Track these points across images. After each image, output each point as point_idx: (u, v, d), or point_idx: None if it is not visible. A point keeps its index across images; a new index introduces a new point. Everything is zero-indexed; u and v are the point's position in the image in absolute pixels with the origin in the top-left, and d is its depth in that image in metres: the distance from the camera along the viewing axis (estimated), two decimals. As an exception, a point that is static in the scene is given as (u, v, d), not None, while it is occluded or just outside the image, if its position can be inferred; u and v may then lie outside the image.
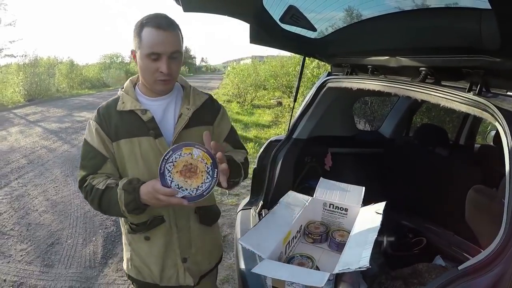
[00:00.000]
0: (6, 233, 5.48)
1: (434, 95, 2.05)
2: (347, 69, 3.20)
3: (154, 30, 1.79)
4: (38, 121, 15.21)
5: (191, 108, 2.04)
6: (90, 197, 1.94)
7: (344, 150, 3.92)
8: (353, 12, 2.57)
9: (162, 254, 2.13)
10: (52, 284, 4.26)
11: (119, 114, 1.99)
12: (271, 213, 2.25)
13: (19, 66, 25.51)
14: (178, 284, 2.18)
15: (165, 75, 1.87)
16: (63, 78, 32.12)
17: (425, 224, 3.37)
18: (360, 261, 1.64)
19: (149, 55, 1.81)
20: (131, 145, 1.98)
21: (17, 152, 9.92)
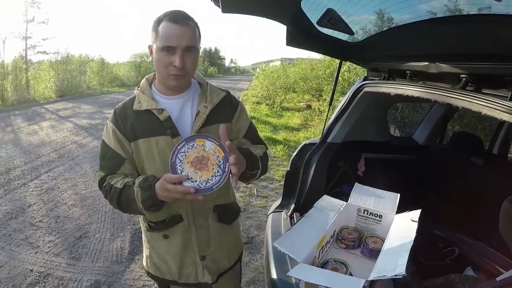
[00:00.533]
0: (35, 225, 5.55)
1: (476, 103, 2.01)
2: (384, 74, 3.17)
3: (170, 24, 1.80)
4: (69, 117, 15.41)
5: (209, 106, 2.03)
6: (109, 196, 1.97)
7: (377, 155, 3.89)
8: (392, 17, 2.54)
9: (180, 252, 2.14)
10: (79, 276, 4.29)
11: (135, 114, 1.99)
12: (306, 217, 2.24)
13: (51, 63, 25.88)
14: (196, 281, 2.18)
15: (178, 69, 1.86)
16: (94, 76, 32.53)
17: (457, 234, 3.32)
18: (396, 268, 1.62)
19: (163, 48, 1.82)
20: (148, 145, 1.98)
21: (47, 146, 10.06)
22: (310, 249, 1.96)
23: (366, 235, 2.35)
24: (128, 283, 4.21)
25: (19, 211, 5.99)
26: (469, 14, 2.01)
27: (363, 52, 3.17)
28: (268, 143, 10.61)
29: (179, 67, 1.84)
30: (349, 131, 3.46)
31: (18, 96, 20.43)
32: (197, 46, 1.91)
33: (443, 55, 2.40)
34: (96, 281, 4.21)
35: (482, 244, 3.10)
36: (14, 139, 10.81)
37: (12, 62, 23.19)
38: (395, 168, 3.78)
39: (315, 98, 20.85)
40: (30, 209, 6.07)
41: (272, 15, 2.71)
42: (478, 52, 2.11)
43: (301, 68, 23.77)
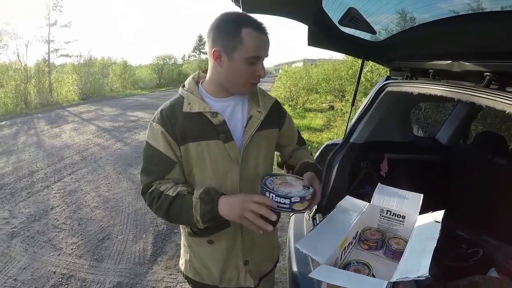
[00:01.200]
0: (57, 227, 5.61)
1: (500, 101, 1.98)
2: (407, 73, 3.14)
3: (259, 33, 1.75)
4: (92, 119, 15.57)
5: (263, 111, 1.99)
6: (156, 203, 1.88)
7: (400, 156, 3.86)
8: (414, 15, 2.52)
9: (224, 258, 2.10)
10: (101, 278, 4.32)
11: (185, 116, 1.89)
12: (328, 218, 2.22)
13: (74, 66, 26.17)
14: (238, 285, 2.15)
15: (259, 79, 1.86)
16: (117, 78, 32.87)
17: (481, 235, 3.27)
18: (420, 270, 1.59)
19: (249, 58, 1.77)
20: (199, 149, 1.90)
21: (70, 149, 10.17)
22: (332, 250, 1.94)
23: (389, 236, 2.32)
24: (151, 285, 4.23)
25: (42, 213, 6.05)
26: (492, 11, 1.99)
27: (385, 51, 3.15)
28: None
29: (262, 76, 1.85)
30: (371, 131, 3.44)
31: (41, 99, 20.70)
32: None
33: (466, 54, 2.37)
34: (118, 283, 4.23)
35: (506, 245, 3.06)
36: (37, 142, 10.94)
37: (35, 66, 23.49)
38: (418, 169, 3.76)
39: (337, 99, 20.86)
40: (53, 211, 6.14)
41: (293, 15, 2.70)
42: (501, 50, 2.08)
43: (323, 69, 23.74)
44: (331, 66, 23.15)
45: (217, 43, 1.79)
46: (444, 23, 2.31)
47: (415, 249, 1.86)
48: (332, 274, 1.81)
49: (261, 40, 1.76)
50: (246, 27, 1.72)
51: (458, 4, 2.13)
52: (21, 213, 6.03)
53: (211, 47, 1.81)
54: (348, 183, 3.37)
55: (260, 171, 2.04)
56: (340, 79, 19.74)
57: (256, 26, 1.74)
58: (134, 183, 7.59)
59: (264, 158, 2.06)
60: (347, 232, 2.11)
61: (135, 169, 8.45)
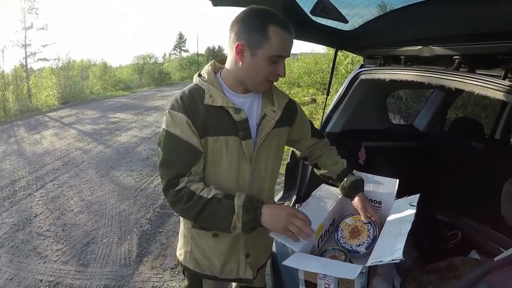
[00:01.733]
0: (42, 234, 5.55)
1: (469, 83, 2.01)
2: (380, 60, 3.18)
3: (285, 33, 1.74)
4: (73, 123, 15.45)
5: (278, 111, 1.98)
6: (186, 204, 1.80)
7: (378, 144, 3.87)
8: (384, 3, 2.53)
9: (227, 251, 2.10)
10: (88, 283, 4.30)
11: (206, 108, 1.84)
12: (303, 206, 2.24)
13: (52, 70, 25.95)
14: (238, 277, 2.16)
15: (278, 78, 1.87)
16: (97, 80, 32.61)
17: (461, 218, 3.31)
18: (394, 253, 1.61)
19: (273, 57, 1.76)
20: (218, 144, 1.87)
21: (52, 155, 10.09)
22: None
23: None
24: (138, 286, 4.24)
25: (25, 222, 5.99)
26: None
27: (357, 40, 3.17)
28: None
29: (284, 74, 1.84)
30: (347, 120, 3.47)
31: (20, 106, 20.43)
32: None
33: (436, 38, 2.40)
34: (105, 286, 4.23)
35: (486, 227, 3.09)
36: (18, 150, 10.83)
37: (13, 71, 23.23)
38: (397, 156, 3.77)
39: (319, 92, 20.94)
40: (37, 219, 6.08)
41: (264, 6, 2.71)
42: (470, 33, 2.10)
43: (305, 63, 23.95)
44: (312, 59, 23.33)
45: (241, 37, 1.77)
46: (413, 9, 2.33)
47: (390, 233, 1.88)
48: (306, 261, 1.83)
49: (287, 39, 1.76)
50: (274, 25, 1.72)
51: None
52: (4, 223, 5.96)
53: (235, 40, 1.79)
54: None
55: (269, 168, 2.07)
56: (322, 72, 19.91)
57: (283, 24, 1.74)
58: (117, 185, 7.57)
59: (274, 156, 2.07)
60: (322, 220, 2.12)
61: (118, 171, 8.44)
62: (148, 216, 6.02)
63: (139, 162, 9.16)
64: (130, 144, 11.05)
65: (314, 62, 22.34)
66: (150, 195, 7.00)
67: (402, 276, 2.38)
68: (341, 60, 14.05)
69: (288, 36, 1.75)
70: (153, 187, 7.38)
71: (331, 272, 1.74)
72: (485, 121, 6.68)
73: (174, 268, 4.51)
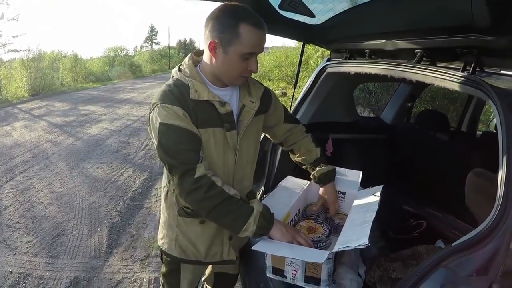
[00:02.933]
0: (12, 226, 5.50)
1: (429, 75, 2.08)
2: (346, 54, 3.24)
3: (256, 30, 1.77)
4: (43, 115, 15.25)
5: (256, 102, 2.05)
6: (207, 193, 1.83)
7: (345, 136, 3.91)
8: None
9: (212, 235, 2.16)
10: (58, 274, 4.29)
11: (193, 103, 1.87)
12: (270, 196, 2.30)
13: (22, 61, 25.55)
14: (221, 259, 2.23)
15: (251, 73, 1.90)
16: (67, 72, 32.15)
17: (427, 208, 3.38)
18: (360, 239, 1.66)
19: (244, 54, 1.80)
20: (206, 136, 1.92)
21: (21, 147, 9.96)
22: None
23: None
24: (108, 277, 4.23)
25: (-5, 214, 5.93)
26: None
27: (324, 34, 3.21)
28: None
29: (257, 70, 1.88)
30: (315, 112, 3.51)
31: (-11, 97, 20.16)
32: None
33: (399, 32, 2.46)
34: (75, 278, 4.22)
35: (451, 217, 3.17)
36: (-13, 142, 10.67)
37: (-18, 62, 22.89)
38: (364, 147, 3.83)
39: (290, 85, 20.95)
40: (6, 211, 6.02)
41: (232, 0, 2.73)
42: (430, 27, 2.17)
43: (275, 56, 23.96)
44: (283, 53, 23.33)
45: (214, 35, 1.80)
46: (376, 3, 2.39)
47: (355, 221, 1.94)
48: (274, 246, 1.87)
49: (258, 36, 1.79)
50: (245, 22, 1.75)
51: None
52: (-27, 216, 5.89)
53: (208, 37, 1.82)
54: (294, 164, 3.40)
55: (251, 155, 2.17)
56: (293, 66, 19.97)
57: (255, 21, 1.77)
58: (87, 177, 7.52)
59: (254, 143, 2.16)
60: (288, 208, 2.18)
61: (88, 163, 8.37)
62: (118, 208, 6.00)
63: (109, 155, 9.09)
64: (101, 137, 10.95)
65: (285, 56, 22.37)
66: (120, 187, 6.96)
67: (367, 264, 2.44)
68: (311, 54, 14.11)
69: (259, 32, 1.78)
70: (123, 180, 7.34)
71: (299, 256, 1.79)
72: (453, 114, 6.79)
73: (144, 260, 4.51)
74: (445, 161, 3.33)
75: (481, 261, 1.40)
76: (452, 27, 2.00)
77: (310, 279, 1.86)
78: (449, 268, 1.43)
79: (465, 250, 1.45)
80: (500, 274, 1.40)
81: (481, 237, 1.43)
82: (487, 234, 1.43)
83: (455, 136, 3.63)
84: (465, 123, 5.03)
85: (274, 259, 1.93)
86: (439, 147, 3.50)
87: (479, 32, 1.84)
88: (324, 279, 1.83)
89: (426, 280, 1.44)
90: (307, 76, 14.69)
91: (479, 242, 1.43)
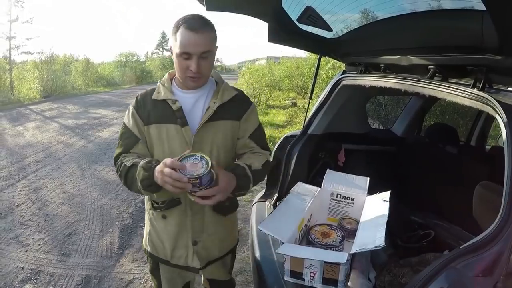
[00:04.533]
0: (24, 223, 5.57)
1: (441, 91, 2.18)
2: (361, 67, 3.32)
3: (188, 31, 1.91)
4: (55, 117, 15.35)
5: (217, 102, 2.14)
6: (119, 172, 2.12)
7: (357, 147, 3.99)
8: (367, 13, 2.68)
9: (175, 234, 2.26)
10: (69, 272, 4.34)
11: (153, 102, 2.16)
12: (284, 202, 2.36)
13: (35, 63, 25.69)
14: (186, 264, 2.32)
15: (194, 73, 2.00)
16: (79, 76, 32.33)
17: (434, 219, 3.43)
18: (376, 241, 1.75)
19: (181, 54, 1.95)
20: (159, 131, 2.13)
21: (34, 147, 10.05)
22: (292, 231, 2.08)
23: (340, 218, 2.49)
24: (119, 277, 4.29)
25: (7, 211, 5.99)
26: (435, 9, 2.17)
27: (340, 47, 3.32)
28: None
29: (195, 72, 1.99)
30: (329, 123, 3.57)
31: (2, 97, 20.23)
32: (212, 49, 2.03)
33: (414, 48, 2.55)
34: (87, 276, 4.27)
35: (458, 228, 3.20)
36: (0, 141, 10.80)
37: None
38: (375, 159, 3.90)
39: (300, 95, 21.01)
40: (19, 209, 6.08)
41: (254, 13, 2.84)
42: (444, 45, 2.27)
43: (286, 66, 23.99)
44: (294, 63, 23.32)
45: (170, 41, 2.09)
46: (393, 21, 2.50)
47: (368, 225, 2.02)
48: (297, 250, 1.97)
49: (190, 37, 1.92)
50: (182, 26, 1.94)
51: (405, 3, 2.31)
52: (-15, 211, 5.97)
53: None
54: (307, 173, 3.49)
55: (219, 161, 2.17)
56: (303, 76, 19.92)
57: (188, 24, 1.93)
58: (99, 179, 7.59)
59: (219, 148, 2.20)
60: (303, 214, 2.25)
61: (100, 166, 8.45)
62: (129, 211, 6.06)
63: (121, 158, 9.06)
64: (112, 140, 10.99)
65: (296, 66, 22.35)
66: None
67: (377, 270, 2.51)
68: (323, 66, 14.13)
69: (189, 33, 1.92)
70: (135, 183, 7.33)
71: (321, 257, 1.88)
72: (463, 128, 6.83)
73: (156, 262, 4.54)
74: (453, 173, 3.39)
75: (486, 263, 1.50)
76: (464, 46, 2.11)
77: (328, 280, 1.93)
78: (457, 269, 1.53)
79: (472, 252, 1.55)
80: (504, 275, 1.49)
81: (486, 240, 1.53)
82: (492, 238, 1.52)
83: (463, 149, 3.69)
84: (474, 137, 5.09)
85: (293, 263, 1.98)
86: (447, 159, 3.56)
87: (488, 52, 1.94)
88: (341, 280, 1.90)
89: (436, 279, 1.54)
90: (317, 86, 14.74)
91: (485, 245, 1.52)
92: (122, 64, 41.83)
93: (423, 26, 2.35)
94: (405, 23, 2.45)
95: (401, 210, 3.38)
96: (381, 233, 1.81)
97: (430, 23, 2.28)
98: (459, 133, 4.63)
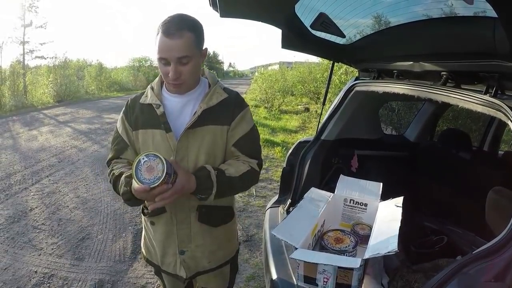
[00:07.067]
0: (37, 227, 5.60)
1: (454, 97, 2.19)
2: (374, 74, 3.33)
3: (163, 37, 1.88)
4: (68, 122, 15.44)
5: (203, 106, 2.05)
6: (109, 178, 2.15)
7: (370, 152, 3.99)
8: (380, 20, 2.69)
9: (163, 241, 2.26)
10: (83, 276, 4.36)
11: (140, 107, 2.16)
12: (298, 207, 2.36)
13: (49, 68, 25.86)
14: (175, 272, 2.31)
15: (173, 80, 1.97)
16: (92, 81, 32.49)
17: (447, 225, 3.43)
18: (389, 246, 1.76)
19: (159, 59, 1.95)
20: (146, 136, 2.13)
21: (47, 151, 10.12)
22: (305, 236, 2.09)
23: (353, 223, 2.50)
24: (132, 281, 4.31)
25: (21, 215, 6.03)
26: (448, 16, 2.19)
27: (353, 53, 3.33)
28: (267, 145, 10.77)
29: (173, 78, 1.96)
30: (342, 128, 3.58)
31: (16, 101, 20.31)
32: (190, 54, 1.93)
33: (426, 55, 2.56)
34: (100, 280, 4.29)
35: (471, 234, 3.21)
36: (14, 145, 10.84)
37: (10, 67, 23.18)
38: (388, 164, 3.91)
39: (313, 101, 20.96)
40: (32, 213, 6.13)
41: (268, 19, 2.86)
42: (456, 51, 2.28)
43: (299, 72, 24.00)
44: (306, 68, 23.32)
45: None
46: (406, 27, 2.51)
47: (381, 230, 2.03)
48: (311, 255, 1.98)
49: (165, 43, 1.89)
50: (159, 33, 1.91)
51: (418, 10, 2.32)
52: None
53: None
54: (320, 178, 3.49)
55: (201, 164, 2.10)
56: (316, 81, 19.88)
57: (164, 30, 1.89)
58: (112, 184, 7.56)
59: (207, 154, 2.11)
60: (317, 220, 2.27)
61: (113, 171, 8.41)
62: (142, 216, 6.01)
63: (133, 163, 9.09)
64: (125, 145, 10.91)
65: (308, 72, 22.33)
66: (145, 195, 6.97)
67: (390, 275, 2.52)
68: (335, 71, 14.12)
69: (164, 38, 1.88)
70: (148, 188, 7.34)
71: (335, 262, 1.90)
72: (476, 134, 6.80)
73: (169, 267, 4.54)
74: (466, 179, 3.40)
75: (498, 268, 1.50)
76: (476, 52, 2.12)
77: (341, 286, 1.94)
78: (469, 274, 1.54)
79: (484, 257, 1.55)
80: (516, 280, 1.50)
81: (499, 246, 1.53)
82: (504, 243, 1.53)
83: (476, 154, 3.68)
84: (487, 142, 5.08)
85: (306, 268, 2.00)
86: (460, 165, 3.56)
87: (500, 58, 1.94)
88: (355, 285, 1.92)
89: (449, 284, 1.54)
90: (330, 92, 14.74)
91: (497, 250, 1.53)
92: (135, 68, 41.98)
93: (435, 32, 2.36)
94: (418, 29, 2.46)
95: (414, 216, 3.38)
96: (394, 238, 1.82)
97: (442, 30, 2.29)
98: (472, 138, 4.62)
